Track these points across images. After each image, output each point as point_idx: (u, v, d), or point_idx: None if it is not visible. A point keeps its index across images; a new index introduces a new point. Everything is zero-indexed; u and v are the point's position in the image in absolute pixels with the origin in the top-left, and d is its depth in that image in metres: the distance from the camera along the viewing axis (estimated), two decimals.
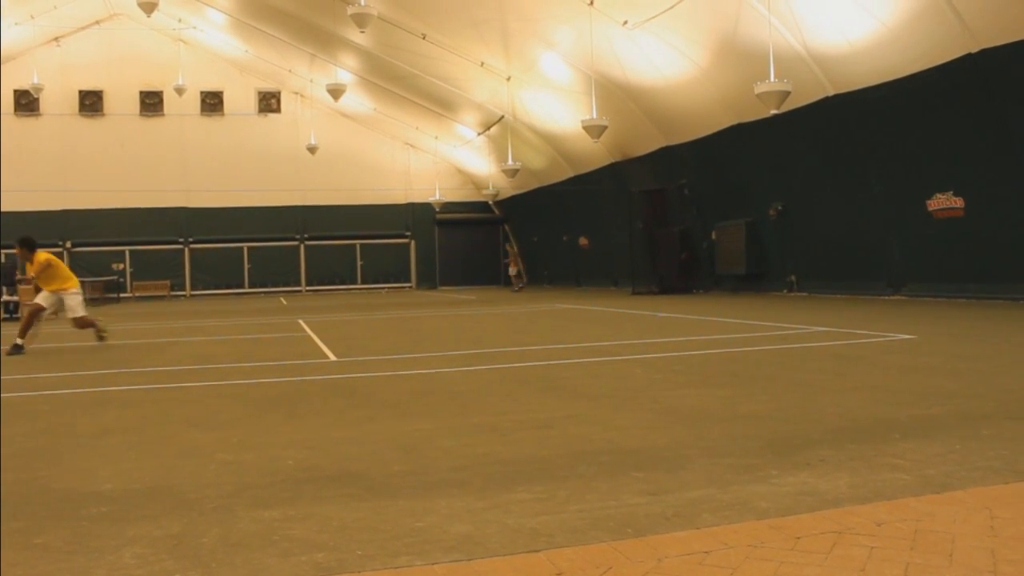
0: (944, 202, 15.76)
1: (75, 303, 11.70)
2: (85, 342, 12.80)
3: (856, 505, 3.14)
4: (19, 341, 11.15)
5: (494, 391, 6.48)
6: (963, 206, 15.44)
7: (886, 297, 17.25)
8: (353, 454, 4.35)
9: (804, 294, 19.87)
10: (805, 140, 18.73)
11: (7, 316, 19.51)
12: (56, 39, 34.45)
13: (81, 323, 11.81)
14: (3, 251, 30.75)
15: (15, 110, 34.55)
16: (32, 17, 31.11)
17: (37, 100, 34.22)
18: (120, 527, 3.16)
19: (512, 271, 32.38)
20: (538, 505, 3.28)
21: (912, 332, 9.86)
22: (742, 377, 6.71)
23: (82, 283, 27.70)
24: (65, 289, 11.69)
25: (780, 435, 4.45)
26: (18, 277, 20.51)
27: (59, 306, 11.67)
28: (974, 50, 14.03)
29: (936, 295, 16.32)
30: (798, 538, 2.77)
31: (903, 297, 16.95)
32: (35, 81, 31.72)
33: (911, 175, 16.36)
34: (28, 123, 34.70)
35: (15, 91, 34.21)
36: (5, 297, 19.85)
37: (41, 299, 11.53)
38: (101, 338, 11.99)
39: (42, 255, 11.85)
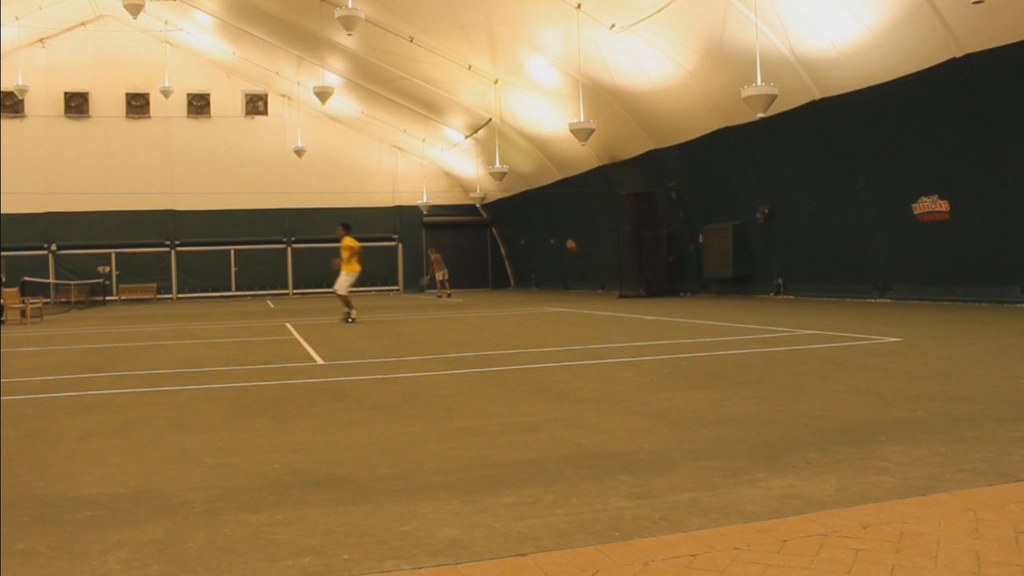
0: (929, 205, 15.86)
1: (344, 281, 16.12)
2: (70, 345, 12.73)
3: (842, 508, 3.15)
4: (352, 314, 15.91)
5: (481, 394, 6.47)
6: (948, 209, 15.54)
7: (872, 300, 17.33)
8: (340, 458, 4.34)
9: (791, 297, 19.95)
10: (792, 143, 18.82)
11: None
12: (41, 40, 34.27)
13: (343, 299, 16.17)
14: None
15: None
16: (17, 18, 30.94)
17: (22, 102, 34.04)
18: (105, 532, 3.14)
19: (439, 276, 31.15)
20: (525, 508, 3.28)
21: (898, 335, 9.91)
22: (729, 380, 6.73)
23: (67, 286, 27.42)
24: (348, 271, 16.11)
25: (767, 438, 4.46)
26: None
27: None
28: (958, 55, 14.14)
29: (922, 298, 16.42)
30: (784, 541, 2.78)
31: (889, 300, 17.04)
32: (20, 83, 31.55)
33: (897, 178, 16.46)
34: (13, 125, 34.48)
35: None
36: None
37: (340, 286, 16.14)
38: (347, 319, 15.79)
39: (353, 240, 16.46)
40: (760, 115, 16.16)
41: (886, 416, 4.97)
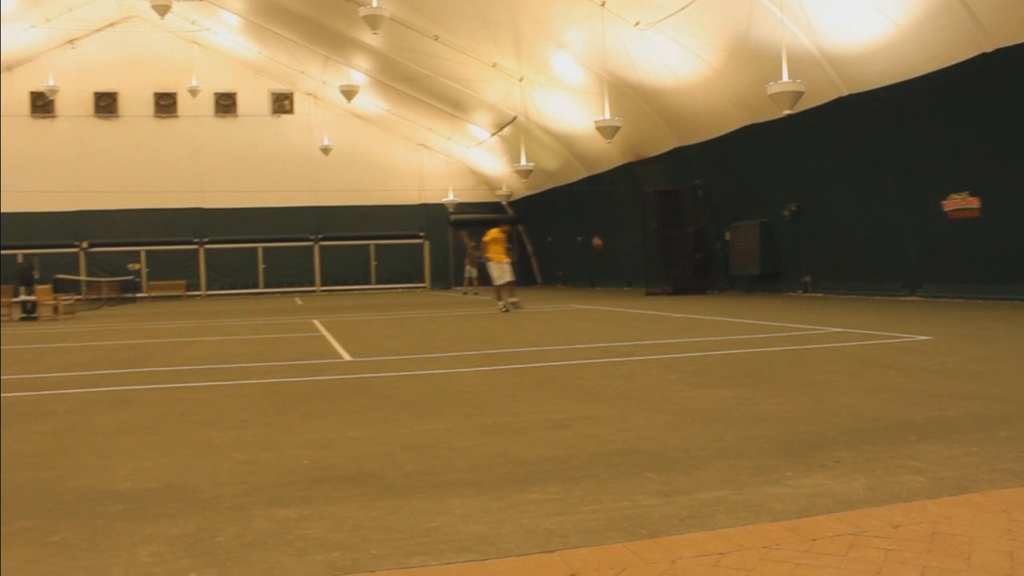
0: (960, 202, 15.67)
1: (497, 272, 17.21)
2: (102, 341, 12.88)
3: (872, 507, 3.12)
4: (501, 304, 16.92)
5: (508, 391, 6.48)
6: (979, 206, 15.34)
7: (902, 298, 17.16)
8: (368, 454, 4.36)
9: (819, 295, 19.79)
10: (819, 140, 18.66)
11: (25, 315, 19.64)
12: (71, 41, 34.68)
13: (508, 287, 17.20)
14: (21, 252, 31.08)
15: (31, 112, 34.81)
16: (48, 20, 31.34)
17: (53, 102, 34.46)
18: (137, 525, 3.19)
19: (467, 274, 30.28)
20: (552, 505, 3.28)
21: (928, 333, 9.80)
22: (757, 378, 6.69)
23: (98, 283, 27.65)
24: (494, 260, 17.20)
25: (795, 436, 4.44)
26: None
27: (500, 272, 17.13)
28: (988, 49, 13.94)
29: (952, 296, 16.22)
30: (813, 540, 2.76)
31: (919, 298, 16.86)
32: (51, 83, 31.95)
33: (926, 175, 16.27)
34: (44, 125, 34.95)
35: (31, 93, 34.48)
36: (23, 296, 19.97)
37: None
38: (514, 306, 16.81)
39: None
40: (786, 112, 16.03)
41: (916, 415, 4.92)
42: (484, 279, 32.03)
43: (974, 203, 15.42)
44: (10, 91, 34.21)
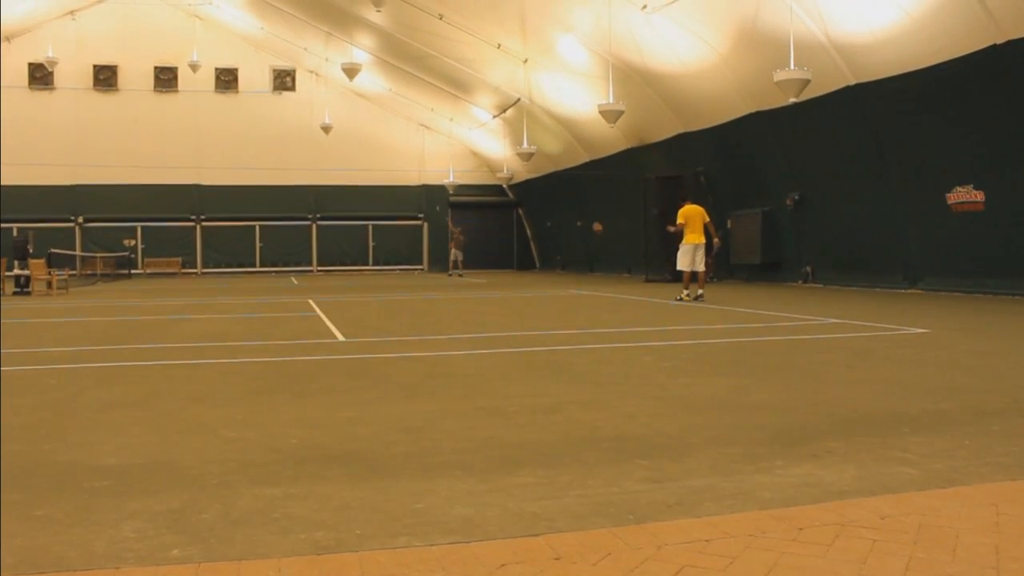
0: (964, 195, 15.60)
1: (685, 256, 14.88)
2: (95, 317, 12.84)
3: (861, 498, 3.11)
4: (687, 292, 14.96)
5: (501, 375, 6.46)
6: (983, 200, 15.27)
7: (902, 291, 17.12)
8: (357, 434, 4.35)
9: (819, 285, 19.76)
10: (824, 130, 18.56)
11: (18, 290, 19.59)
12: (72, 12, 34.42)
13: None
14: (16, 225, 30.98)
15: (29, 83, 34.56)
16: None
17: (51, 74, 34.19)
18: (121, 501, 3.17)
19: (452, 256, 31.42)
20: (540, 489, 3.27)
21: (926, 326, 9.78)
22: (752, 367, 6.67)
23: (93, 259, 27.41)
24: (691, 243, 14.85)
25: (787, 426, 4.42)
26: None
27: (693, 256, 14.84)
28: (1000, 41, 13.83)
29: (953, 290, 16.18)
30: (800, 529, 2.75)
31: (919, 291, 16.83)
32: (50, 55, 31.69)
33: (931, 167, 16.19)
34: (42, 97, 34.71)
35: (30, 64, 34.16)
36: (16, 271, 19.92)
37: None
38: (697, 296, 14.89)
39: (685, 209, 15.14)
40: (792, 100, 15.93)
41: (910, 407, 4.90)
42: (468, 262, 32.15)
43: (978, 197, 15.35)
44: (8, 62, 33.90)
